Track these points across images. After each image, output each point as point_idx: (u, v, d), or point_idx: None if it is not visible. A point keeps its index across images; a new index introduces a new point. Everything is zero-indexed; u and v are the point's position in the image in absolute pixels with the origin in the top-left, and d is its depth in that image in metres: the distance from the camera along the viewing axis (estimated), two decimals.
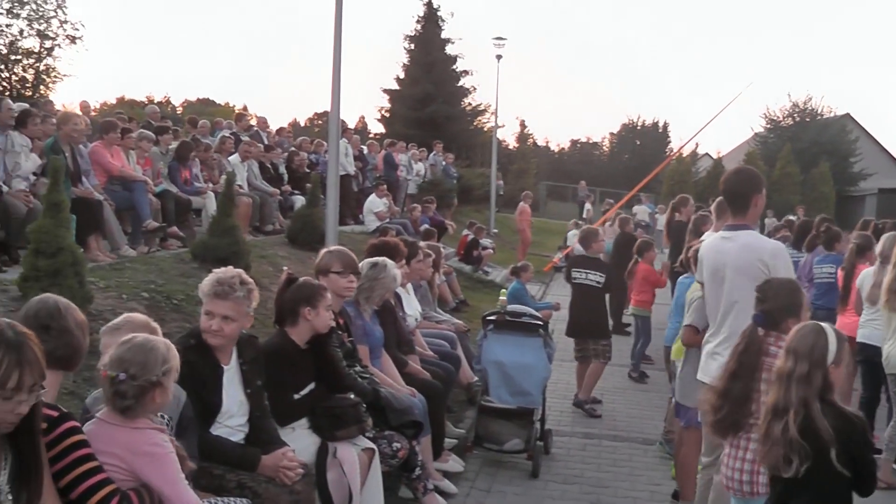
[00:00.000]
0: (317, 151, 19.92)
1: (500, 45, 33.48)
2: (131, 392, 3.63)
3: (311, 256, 12.75)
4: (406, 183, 23.84)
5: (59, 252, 7.28)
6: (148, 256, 10.62)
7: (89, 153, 11.10)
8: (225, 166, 14.48)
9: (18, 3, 47.19)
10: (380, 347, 7.01)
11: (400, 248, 8.19)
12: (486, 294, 17.83)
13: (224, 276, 4.84)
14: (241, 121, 19.22)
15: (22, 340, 2.91)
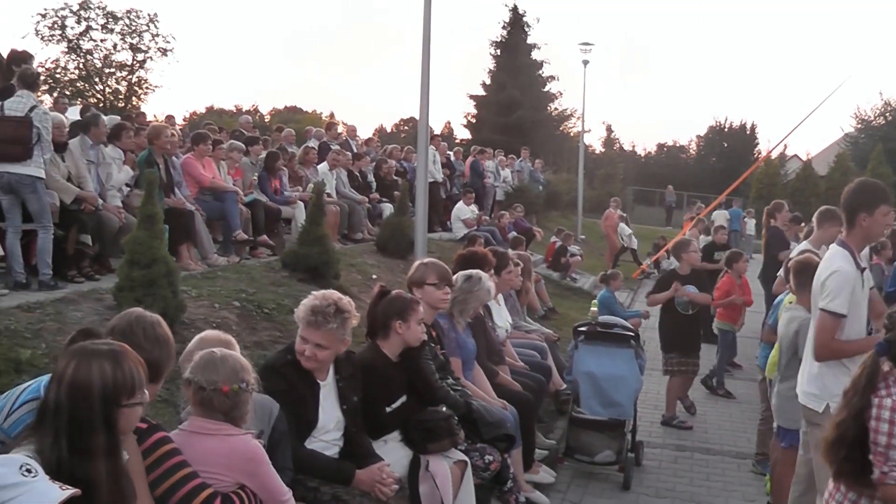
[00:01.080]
0: (405, 159, 19.99)
1: (587, 50, 33.31)
2: (241, 399, 3.81)
3: (400, 265, 12.85)
4: (493, 190, 23.77)
5: (154, 263, 7.43)
6: (238, 265, 10.78)
7: (181, 164, 11.36)
8: (308, 176, 14.62)
9: (113, 18, 48.57)
10: (472, 360, 6.98)
11: (489, 258, 8.15)
12: (575, 301, 17.72)
13: (320, 304, 4.81)
14: (330, 130, 19.42)
15: (121, 348, 3.10)
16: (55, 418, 2.93)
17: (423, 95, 12.15)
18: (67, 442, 2.89)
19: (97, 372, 2.96)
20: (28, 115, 8.42)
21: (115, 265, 9.01)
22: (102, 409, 2.94)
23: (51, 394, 2.99)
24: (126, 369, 3.03)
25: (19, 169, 8.37)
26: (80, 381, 2.95)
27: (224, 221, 11.49)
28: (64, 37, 48.27)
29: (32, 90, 8.80)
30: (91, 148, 9.93)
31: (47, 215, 8.57)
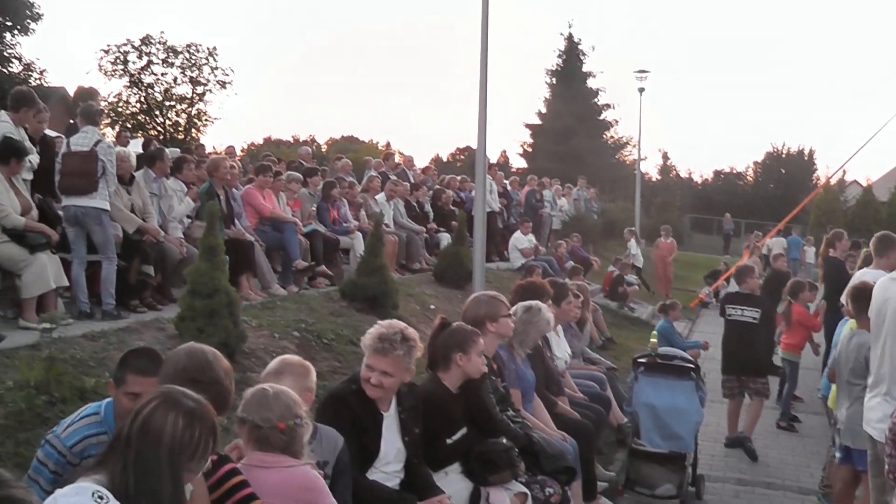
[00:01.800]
0: (462, 188, 20.04)
1: (643, 77, 33.22)
2: (298, 433, 3.83)
3: (457, 295, 12.87)
4: (550, 219, 23.75)
5: (215, 293, 7.54)
6: (297, 295, 10.86)
7: (242, 195, 11.53)
8: (371, 205, 14.74)
9: (173, 52, 49.47)
10: (532, 391, 6.96)
11: (546, 288, 8.13)
12: (633, 331, 17.58)
13: (386, 332, 4.86)
14: (388, 160, 19.58)
15: (204, 410, 3.07)
16: (125, 450, 2.95)
17: (480, 126, 12.21)
18: (134, 477, 2.93)
19: (171, 424, 2.96)
20: (93, 150, 8.63)
21: (177, 295, 9.19)
22: (170, 462, 2.94)
23: (125, 425, 3.01)
24: (197, 433, 3.01)
25: (85, 201, 8.57)
26: (151, 426, 2.95)
27: (283, 252, 11.62)
28: (126, 71, 49.27)
29: (95, 125, 9.02)
30: (154, 181, 10.15)
31: (111, 246, 8.75)
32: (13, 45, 40.78)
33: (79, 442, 4.06)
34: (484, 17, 12.01)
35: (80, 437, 4.07)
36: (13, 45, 40.78)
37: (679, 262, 28.78)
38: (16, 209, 8.18)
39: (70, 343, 7.12)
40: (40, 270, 8.01)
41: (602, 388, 9.14)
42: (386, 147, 70.16)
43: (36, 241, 8.11)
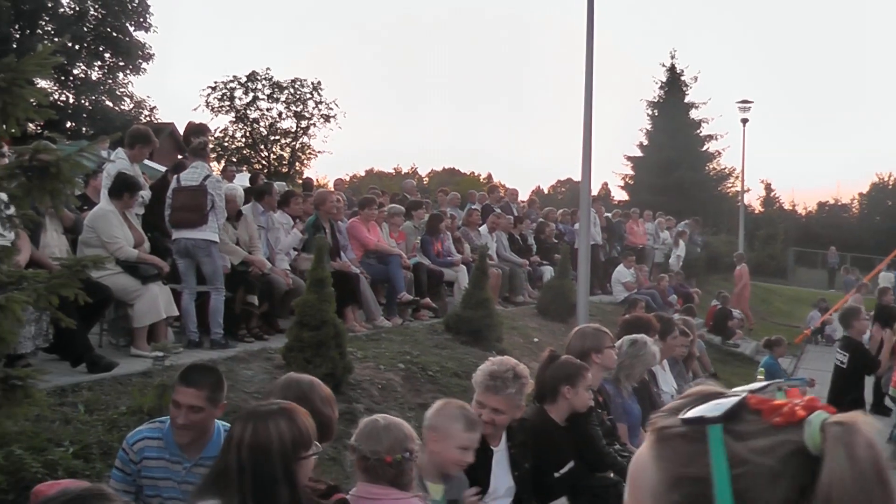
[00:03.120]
0: (564, 221, 19.96)
1: (746, 108, 32.65)
2: (406, 467, 3.78)
3: (561, 328, 12.77)
4: (653, 252, 23.47)
5: (323, 325, 7.60)
6: (402, 327, 10.94)
7: (347, 228, 11.66)
8: (472, 238, 14.77)
9: (278, 88, 50.55)
10: (638, 426, 6.85)
11: (653, 323, 8.03)
12: (737, 367, 17.13)
13: (498, 370, 4.84)
14: (492, 193, 19.64)
15: (290, 405, 3.31)
16: (239, 479, 3.10)
17: (584, 159, 12.14)
18: (254, 498, 3.01)
19: (275, 431, 3.14)
20: (202, 184, 8.84)
21: (283, 326, 9.33)
22: (283, 465, 3.11)
23: (231, 457, 3.15)
24: (300, 424, 3.22)
25: (195, 234, 8.77)
26: (259, 442, 3.12)
27: (388, 284, 11.72)
28: (232, 107, 50.55)
29: (205, 160, 9.24)
30: (262, 214, 10.33)
31: (220, 278, 8.92)
32: (125, 84, 42.36)
33: (138, 441, 4.23)
34: (588, 50, 11.94)
35: (140, 437, 4.24)
36: (125, 84, 42.36)
37: (783, 296, 28.15)
38: (129, 242, 8.41)
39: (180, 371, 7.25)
40: (152, 301, 8.21)
41: None
42: (487, 179, 70.39)
43: (148, 273, 8.33)
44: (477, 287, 10.63)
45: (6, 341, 4.74)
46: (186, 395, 4.12)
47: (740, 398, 1.22)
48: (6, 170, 4.92)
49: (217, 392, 4.21)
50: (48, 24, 40.16)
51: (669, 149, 46.45)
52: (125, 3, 41.06)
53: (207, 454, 4.13)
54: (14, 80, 4.70)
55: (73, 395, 6.45)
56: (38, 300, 4.78)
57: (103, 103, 41.23)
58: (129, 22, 41.49)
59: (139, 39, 41.99)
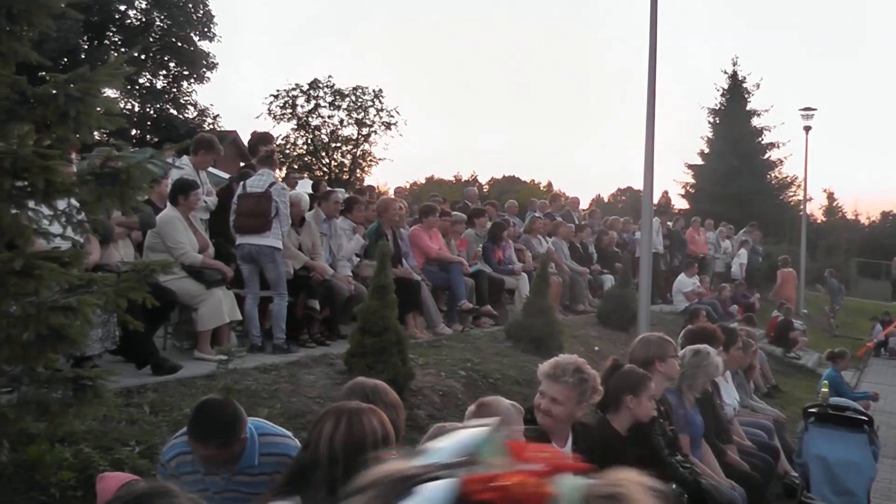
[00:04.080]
0: (625, 230, 19.86)
1: (809, 116, 32.13)
2: None
3: (622, 337, 12.70)
4: (714, 261, 23.24)
5: (385, 332, 7.64)
6: (463, 335, 10.97)
7: (409, 235, 11.72)
8: (534, 246, 14.75)
9: (340, 95, 50.96)
10: (700, 437, 6.79)
11: (717, 334, 7.95)
12: (799, 380, 16.88)
13: (562, 361, 4.89)
14: (554, 201, 19.61)
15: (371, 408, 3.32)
16: (330, 471, 3.12)
17: (646, 168, 12.05)
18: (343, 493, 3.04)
19: (369, 426, 3.19)
20: (268, 191, 8.95)
21: (345, 332, 9.40)
22: None
23: (321, 450, 3.17)
24: (387, 423, 3.26)
25: (259, 240, 8.87)
26: (355, 435, 3.16)
27: (449, 291, 11.76)
28: (294, 115, 51.10)
29: (271, 168, 9.34)
30: (324, 221, 10.41)
31: (283, 283, 9.01)
32: (189, 93, 43.03)
33: (173, 457, 4.22)
34: (651, 58, 11.84)
35: (174, 453, 4.23)
36: (189, 93, 43.03)
37: (845, 308, 27.68)
38: (194, 247, 8.53)
39: (244, 375, 7.37)
40: (216, 305, 8.32)
41: (770, 438, 8.83)
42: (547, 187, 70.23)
43: (212, 278, 8.44)
44: (538, 295, 10.65)
45: (76, 343, 4.85)
46: (199, 447, 4.06)
47: (453, 488, 0.92)
48: (78, 176, 5.02)
49: (230, 437, 4.06)
50: (115, 34, 40.98)
51: (731, 157, 45.94)
52: (190, 14, 41.75)
53: (245, 464, 4.13)
54: (87, 90, 4.81)
55: (139, 397, 6.58)
56: (107, 303, 4.87)
57: (168, 111, 41.96)
58: (193, 32, 42.17)
59: (203, 49, 42.70)
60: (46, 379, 4.98)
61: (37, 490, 4.94)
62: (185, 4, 41.63)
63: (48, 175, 4.65)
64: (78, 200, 4.99)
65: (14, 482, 4.92)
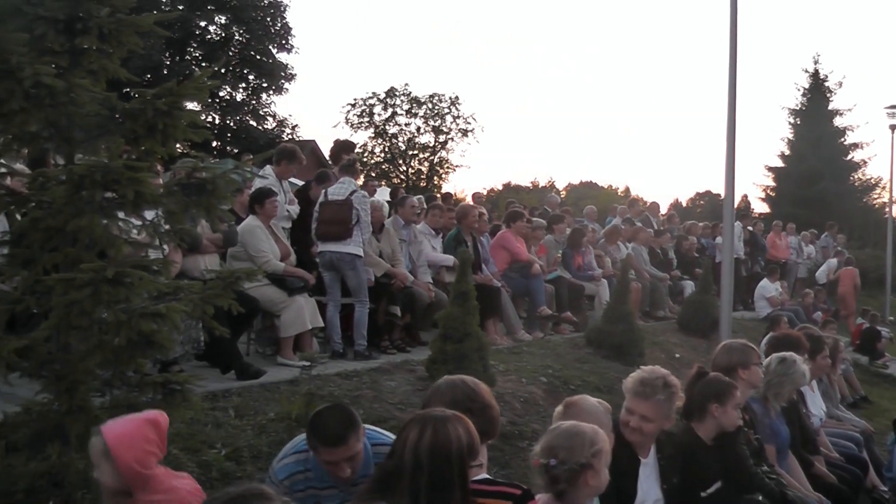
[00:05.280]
0: (705, 235, 19.62)
1: (894, 114, 31.28)
2: (563, 476, 3.71)
3: (702, 344, 12.55)
4: (796, 266, 22.81)
5: (466, 338, 7.68)
6: (543, 341, 10.97)
7: (497, 240, 11.83)
8: (612, 252, 14.66)
9: (417, 103, 51.29)
10: (786, 447, 6.66)
11: (802, 342, 7.81)
12: (886, 389, 16.40)
13: (648, 377, 4.83)
14: (633, 206, 19.47)
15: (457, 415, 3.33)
16: (414, 479, 3.15)
17: (727, 172, 11.91)
18: (428, 498, 3.11)
19: (454, 435, 3.20)
20: (349, 199, 9.04)
21: (426, 338, 9.46)
22: (459, 468, 3.17)
23: (406, 458, 3.20)
24: (472, 432, 3.27)
25: (340, 247, 8.96)
26: (440, 443, 3.17)
27: (529, 297, 11.75)
28: (371, 123, 51.57)
29: (352, 176, 9.42)
30: (403, 227, 10.48)
31: (364, 291, 9.08)
32: (268, 104, 43.67)
33: (287, 477, 4.25)
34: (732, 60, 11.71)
35: (288, 473, 4.26)
36: (268, 104, 43.67)
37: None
38: (276, 255, 8.66)
39: (326, 380, 7.45)
40: (298, 312, 8.43)
41: (858, 450, 8.62)
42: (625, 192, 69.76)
43: (294, 285, 8.56)
44: (619, 301, 10.62)
45: (165, 348, 4.98)
46: (336, 454, 4.04)
47: None
48: (165, 187, 5.14)
49: (358, 429, 4.08)
50: (196, 50, 41.78)
51: (812, 158, 44.95)
52: (268, 27, 42.41)
53: (361, 475, 4.10)
54: (174, 104, 4.93)
55: (224, 401, 6.72)
56: (194, 310, 4.97)
57: (247, 123, 42.59)
58: (271, 44, 42.81)
59: (281, 60, 43.26)
60: (136, 383, 5.13)
61: None
62: (264, 18, 42.29)
63: (137, 186, 4.77)
64: (165, 211, 5.10)
65: None
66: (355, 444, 4.05)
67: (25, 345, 4.72)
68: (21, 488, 4.80)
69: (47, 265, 4.83)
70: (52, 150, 6.00)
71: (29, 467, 5.02)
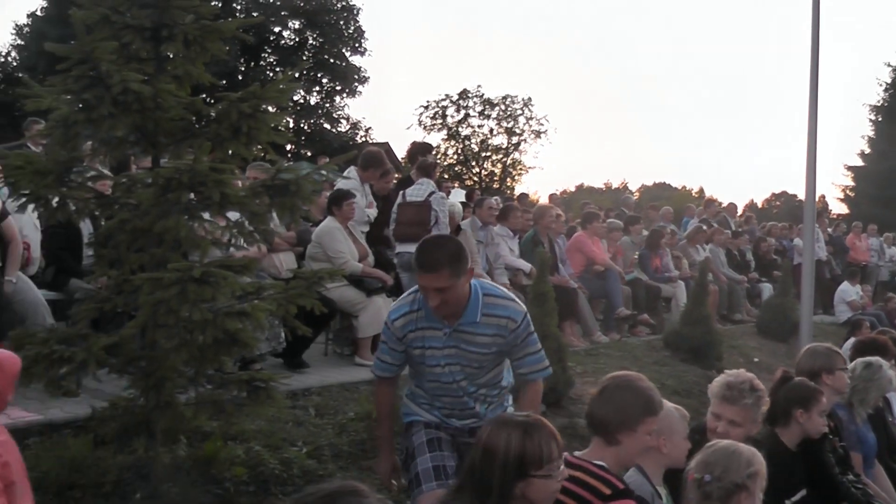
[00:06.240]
0: (783, 236, 19.29)
1: None
2: (716, 494, 3.70)
3: (781, 348, 12.37)
4: (878, 269, 22.29)
5: (545, 339, 7.57)
6: (620, 343, 10.92)
7: (574, 242, 11.82)
8: (691, 254, 14.49)
9: (489, 105, 51.28)
10: (873, 456, 6.50)
11: (889, 346, 7.63)
12: None
13: (735, 380, 4.76)
14: (709, 207, 19.22)
15: (536, 420, 3.29)
16: (470, 478, 3.20)
17: (808, 172, 11.71)
18: (478, 497, 3.15)
19: (504, 440, 3.17)
20: (427, 200, 9.07)
21: None
22: (501, 476, 3.13)
23: (470, 456, 3.29)
24: (536, 441, 3.18)
25: None
26: (489, 446, 3.18)
27: (606, 299, 11.71)
28: (444, 125, 51.64)
29: (430, 178, 9.47)
30: (480, 229, 10.48)
31: None
32: (342, 107, 44.07)
33: (400, 317, 4.32)
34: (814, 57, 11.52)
35: (400, 314, 4.33)
36: (342, 107, 44.07)
37: None
38: (353, 256, 8.71)
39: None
40: (375, 312, 8.47)
41: None
42: (699, 193, 68.99)
43: (372, 286, 8.61)
44: (697, 304, 10.51)
45: (249, 346, 5.07)
46: (427, 279, 4.09)
47: None
48: (250, 189, 5.23)
49: (456, 265, 4.08)
50: (270, 55, 42.34)
51: (894, 157, 43.82)
52: (342, 30, 42.82)
53: (467, 320, 4.19)
54: (257, 107, 5.02)
55: (304, 399, 6.81)
56: (277, 308, 5.05)
57: (321, 126, 43.00)
58: (345, 48, 43.25)
59: (355, 63, 43.63)
60: (222, 380, 5.23)
61: (212, 484, 5.19)
62: (337, 22, 42.72)
63: (222, 188, 4.88)
64: (249, 212, 5.19)
65: (192, 475, 5.18)
66: (449, 277, 4.03)
67: (114, 342, 4.85)
68: (110, 480, 4.95)
69: (133, 265, 4.96)
70: (138, 154, 6.14)
71: (117, 460, 5.18)
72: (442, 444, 4.42)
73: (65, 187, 5.05)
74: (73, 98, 4.74)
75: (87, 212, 5.41)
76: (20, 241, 6.96)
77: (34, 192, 4.93)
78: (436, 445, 4.40)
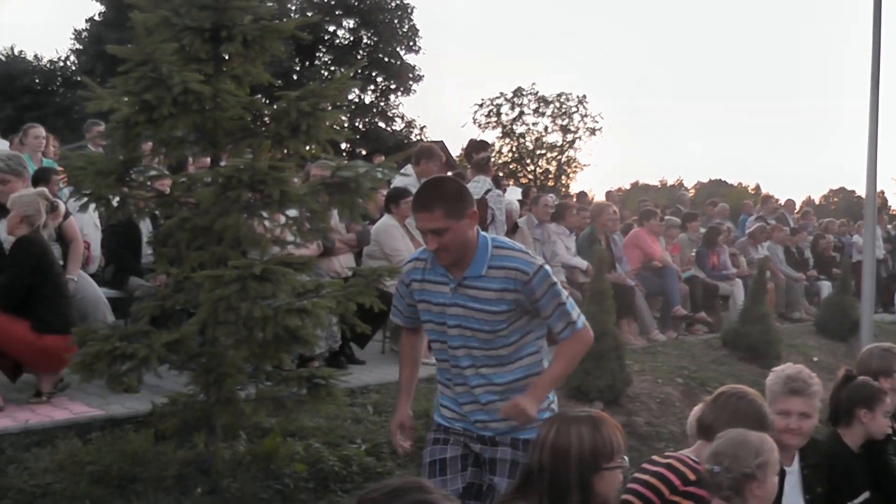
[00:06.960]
0: (842, 233, 18.99)
1: None
2: (726, 484, 3.64)
3: (841, 347, 12.20)
4: None
5: (603, 337, 7.63)
6: (678, 341, 10.84)
7: (630, 239, 11.78)
8: (750, 251, 14.33)
9: (544, 102, 51.20)
10: None
11: None
12: None
13: (794, 373, 4.68)
14: (766, 204, 18.99)
15: (599, 415, 3.30)
16: (538, 480, 3.17)
17: (869, 167, 11.53)
18: (549, 499, 3.13)
19: (575, 436, 3.16)
20: (483, 198, 9.04)
21: None
22: (579, 471, 3.13)
23: (535, 457, 3.23)
24: (605, 433, 3.19)
25: None
26: (559, 444, 3.16)
27: (663, 297, 11.63)
28: (499, 123, 51.70)
29: (486, 175, 9.47)
30: (537, 227, 10.46)
31: None
32: (396, 106, 44.30)
33: (409, 262, 4.16)
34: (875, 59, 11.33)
35: (411, 258, 4.20)
36: (396, 106, 44.30)
37: None
38: (410, 252, 8.74)
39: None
40: None
41: None
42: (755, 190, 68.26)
43: None
44: (756, 302, 10.38)
45: (309, 343, 5.12)
46: (422, 220, 3.83)
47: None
48: (309, 187, 5.28)
49: (454, 205, 3.80)
50: (325, 55, 42.67)
51: None
52: (396, 29, 43.03)
53: (472, 273, 3.89)
54: (316, 105, 5.06)
55: (362, 397, 6.85)
56: (337, 306, 5.09)
57: (376, 124, 43.23)
58: (399, 46, 43.45)
59: (409, 62, 43.80)
60: (281, 377, 5.29)
61: (272, 480, 5.25)
62: (391, 20, 42.93)
63: (282, 186, 4.92)
64: (308, 209, 5.23)
65: (252, 471, 5.24)
66: (444, 217, 3.77)
67: (175, 339, 4.93)
68: (171, 474, 5.02)
69: (193, 263, 5.01)
70: (197, 153, 6.22)
71: (177, 455, 5.26)
72: (446, 466, 4.18)
73: (125, 187, 5.15)
74: (134, 99, 4.80)
75: (148, 211, 5.52)
76: (81, 240, 7.10)
77: (95, 192, 5.02)
78: (436, 468, 4.18)
